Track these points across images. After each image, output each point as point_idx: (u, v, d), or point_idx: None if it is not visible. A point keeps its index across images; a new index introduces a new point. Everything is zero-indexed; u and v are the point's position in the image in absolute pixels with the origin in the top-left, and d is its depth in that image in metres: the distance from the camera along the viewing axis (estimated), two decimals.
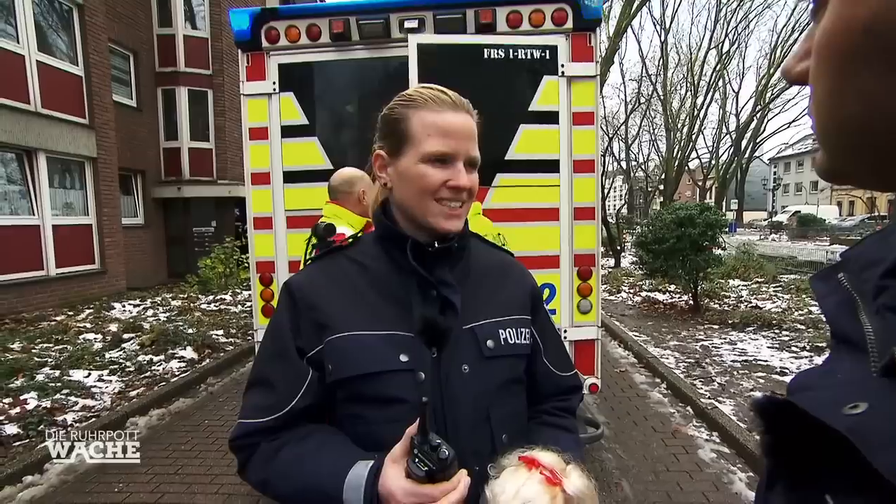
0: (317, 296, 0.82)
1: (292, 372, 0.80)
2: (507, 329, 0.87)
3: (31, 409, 3.95)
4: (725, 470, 3.16)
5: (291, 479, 0.76)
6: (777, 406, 0.33)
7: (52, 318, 7.21)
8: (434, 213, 0.80)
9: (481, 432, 0.82)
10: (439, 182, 0.79)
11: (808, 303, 7.80)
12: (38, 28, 7.94)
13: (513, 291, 0.93)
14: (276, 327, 0.84)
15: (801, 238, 24.16)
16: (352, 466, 0.72)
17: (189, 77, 12.17)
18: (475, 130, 0.84)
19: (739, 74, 37.66)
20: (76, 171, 8.87)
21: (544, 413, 0.95)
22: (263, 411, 0.80)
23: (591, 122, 2.72)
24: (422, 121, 0.80)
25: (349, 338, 0.79)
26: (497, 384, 0.84)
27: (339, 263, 0.87)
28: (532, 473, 0.66)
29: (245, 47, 2.78)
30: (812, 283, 0.40)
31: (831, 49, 0.30)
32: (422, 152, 0.79)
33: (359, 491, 0.70)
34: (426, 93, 0.82)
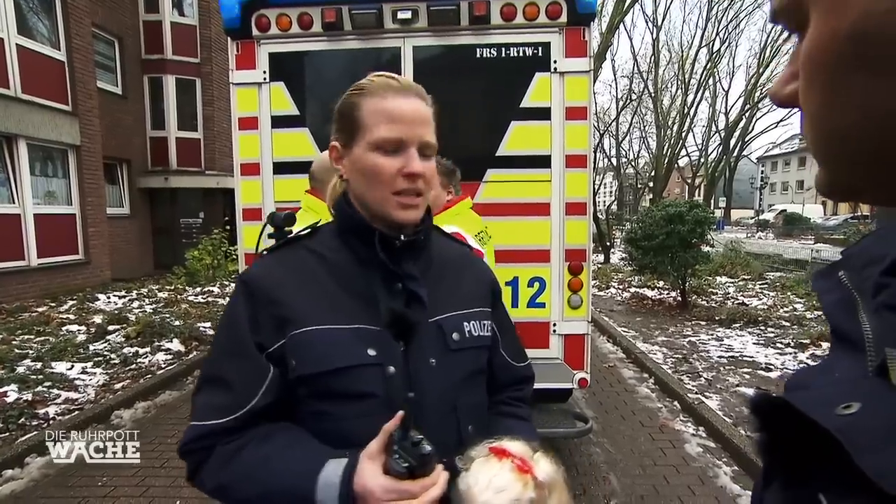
0: (276, 289, 0.79)
1: (251, 369, 0.76)
2: (471, 321, 0.87)
3: (11, 401, 3.87)
4: (711, 464, 3.21)
5: (256, 481, 0.72)
6: (772, 404, 0.32)
7: (33, 309, 7.07)
8: (391, 205, 0.78)
9: (448, 424, 0.81)
10: (393, 171, 0.76)
11: (792, 300, 7.95)
12: (18, 9, 7.70)
13: (474, 284, 0.93)
14: (232, 322, 0.79)
15: (786, 236, 24.59)
16: (324, 465, 0.70)
17: (176, 65, 11.93)
18: (428, 116, 0.81)
19: (729, 73, 38.07)
20: (59, 159, 8.66)
21: (501, 403, 0.96)
22: (220, 412, 0.74)
23: (584, 117, 2.71)
24: (371, 108, 0.78)
25: (314, 332, 0.76)
26: (462, 376, 0.84)
27: (297, 255, 0.83)
28: (503, 463, 0.67)
29: (235, 35, 2.72)
30: (813, 280, 0.40)
31: (817, 63, 0.30)
32: (371, 140, 0.77)
33: (333, 489, 0.67)
34: (376, 80, 0.80)
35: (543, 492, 0.67)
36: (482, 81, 2.75)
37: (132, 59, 11.42)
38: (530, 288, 2.78)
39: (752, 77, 28.46)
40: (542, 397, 2.97)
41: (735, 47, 51.56)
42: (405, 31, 2.68)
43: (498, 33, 2.68)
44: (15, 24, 7.58)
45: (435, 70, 2.74)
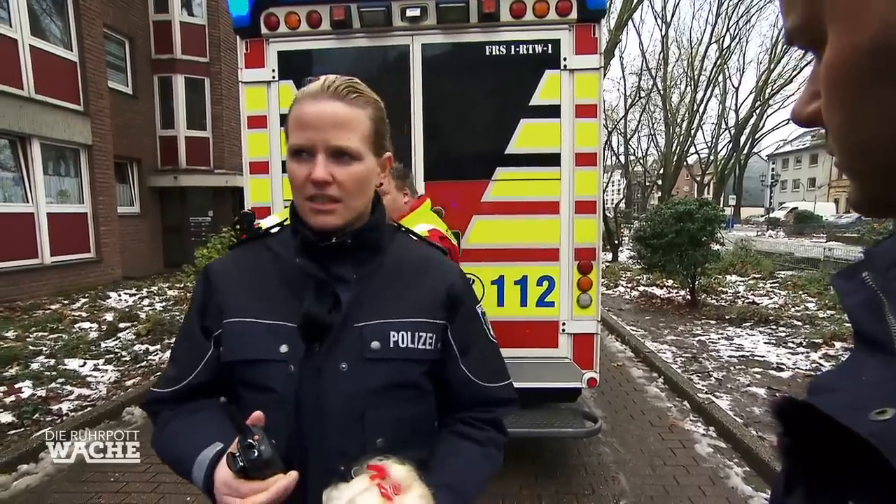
0: (224, 280, 0.86)
1: (193, 348, 0.85)
2: (402, 332, 0.82)
3: (25, 397, 3.93)
4: (722, 465, 3.18)
5: (169, 450, 0.83)
6: (797, 408, 0.32)
7: (46, 307, 7.17)
8: (305, 210, 0.80)
9: (352, 433, 0.79)
10: (302, 177, 0.77)
11: (804, 299, 7.85)
12: (31, 11, 7.80)
13: (424, 292, 0.86)
14: (190, 307, 0.89)
15: (798, 235, 24.26)
16: (207, 447, 0.76)
17: (186, 65, 12.02)
18: (345, 118, 0.76)
19: (740, 70, 37.59)
20: (71, 159, 8.77)
21: (459, 422, 0.90)
22: (167, 383, 0.86)
23: (593, 115, 2.69)
24: (291, 116, 0.79)
25: (240, 323, 0.82)
26: (376, 386, 0.80)
27: (255, 251, 0.89)
28: (372, 485, 0.67)
29: (244, 34, 2.73)
30: (834, 280, 0.39)
31: (838, 79, 0.30)
32: (287, 148, 0.79)
33: (201, 471, 0.75)
34: (305, 86, 0.79)
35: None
36: (491, 79, 2.74)
37: (142, 59, 11.52)
38: (539, 287, 2.77)
39: (762, 73, 28.13)
40: (551, 397, 2.96)
41: (745, 43, 51.04)
42: (414, 28, 2.67)
43: (507, 30, 2.66)
44: (28, 26, 7.68)
45: (444, 68, 2.74)
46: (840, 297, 0.37)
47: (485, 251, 2.77)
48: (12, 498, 2.86)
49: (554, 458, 3.24)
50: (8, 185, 7.69)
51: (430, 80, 2.72)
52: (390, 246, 0.89)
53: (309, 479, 0.74)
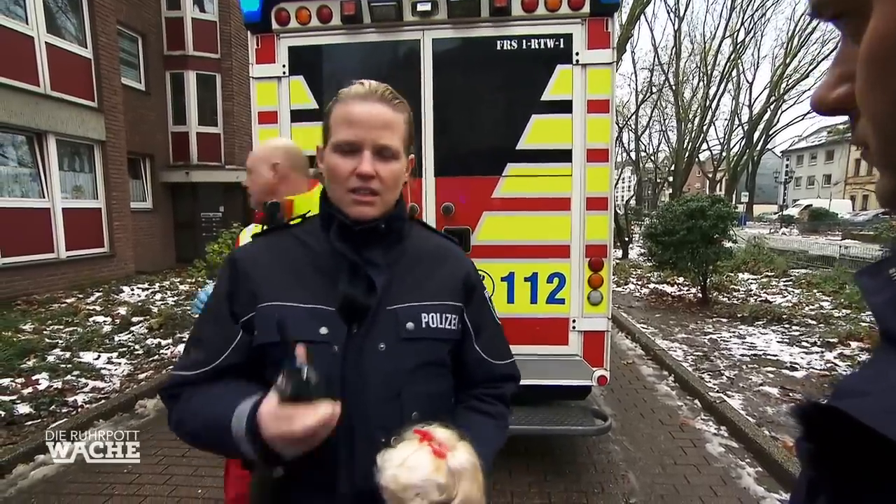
0: (255, 267, 0.88)
1: (222, 332, 0.86)
2: (431, 314, 0.90)
3: (42, 389, 4.01)
4: (734, 464, 3.14)
5: (199, 415, 0.82)
6: (823, 412, 0.30)
7: (62, 301, 7.29)
8: (346, 201, 0.86)
9: (391, 409, 0.85)
10: (347, 171, 0.84)
11: (819, 298, 7.72)
12: (47, 9, 7.90)
13: (444, 277, 0.95)
14: (215, 293, 0.90)
15: (812, 232, 23.87)
16: (247, 399, 0.77)
17: (197, 61, 12.11)
18: (390, 119, 0.85)
19: (754, 64, 36.97)
20: (85, 155, 8.89)
21: (473, 398, 0.99)
22: (193, 366, 0.85)
23: (606, 111, 2.66)
24: (336, 113, 0.86)
25: (277, 307, 0.83)
26: (412, 365, 0.87)
27: (282, 239, 0.93)
28: (422, 445, 0.73)
29: (254, 29, 2.74)
30: (858, 278, 0.37)
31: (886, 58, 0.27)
32: (332, 142, 0.85)
33: (242, 419, 0.75)
34: (349, 87, 0.86)
35: (453, 479, 0.71)
36: (502, 74, 2.71)
37: (155, 56, 11.63)
38: (550, 284, 2.75)
39: (778, 68, 27.61)
40: (561, 394, 2.95)
41: (760, 37, 50.07)
42: (425, 23, 2.66)
43: (519, 25, 2.63)
44: (44, 23, 7.78)
45: (454, 63, 2.72)
46: (864, 294, 0.35)
47: (495, 247, 2.75)
48: (30, 487, 2.93)
49: (563, 456, 3.23)
50: (25, 181, 7.82)
51: (440, 76, 2.70)
52: (409, 235, 0.96)
53: (357, 452, 0.82)
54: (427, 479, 0.70)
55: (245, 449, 0.75)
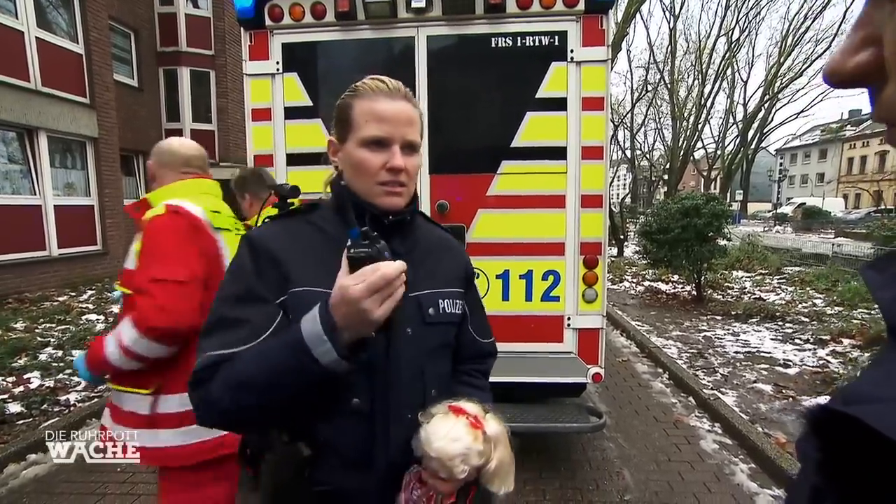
0: (280, 250, 0.87)
1: (263, 310, 0.83)
2: (446, 300, 0.98)
3: (34, 388, 3.97)
4: (727, 461, 3.16)
5: (251, 358, 0.78)
6: (836, 419, 0.29)
7: (54, 299, 7.23)
8: (376, 193, 0.89)
9: (416, 387, 0.93)
10: (378, 165, 0.87)
11: (812, 295, 7.78)
12: (37, 3, 7.80)
13: (452, 267, 1.04)
14: (239, 273, 0.87)
15: (805, 230, 24.05)
16: (302, 317, 0.77)
17: (191, 57, 12.02)
18: (414, 117, 0.90)
19: (748, 63, 37.09)
20: (77, 151, 8.80)
21: (464, 374, 1.08)
22: (234, 344, 0.80)
23: (600, 108, 2.66)
24: (361, 109, 0.87)
25: (311, 292, 0.83)
26: (433, 346, 0.96)
27: (299, 225, 0.93)
28: (459, 418, 0.84)
29: (248, 25, 2.71)
30: (864, 272, 0.36)
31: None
32: (360, 137, 0.87)
33: (314, 316, 0.75)
34: (368, 83, 0.89)
35: (490, 445, 0.83)
36: (497, 71, 2.71)
37: (148, 52, 11.52)
38: (544, 281, 2.75)
39: (772, 67, 27.70)
40: (556, 391, 2.95)
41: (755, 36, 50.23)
42: (419, 20, 2.64)
43: (513, 22, 2.63)
44: (35, 18, 7.68)
45: (449, 60, 2.71)
46: (871, 289, 0.34)
47: (490, 245, 2.75)
48: (21, 487, 2.90)
49: (558, 453, 3.24)
50: (16, 178, 7.73)
51: (435, 73, 2.69)
52: (419, 226, 1.02)
53: (391, 429, 0.88)
54: (470, 447, 0.81)
55: (322, 351, 0.73)
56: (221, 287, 0.88)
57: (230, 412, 0.79)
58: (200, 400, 0.81)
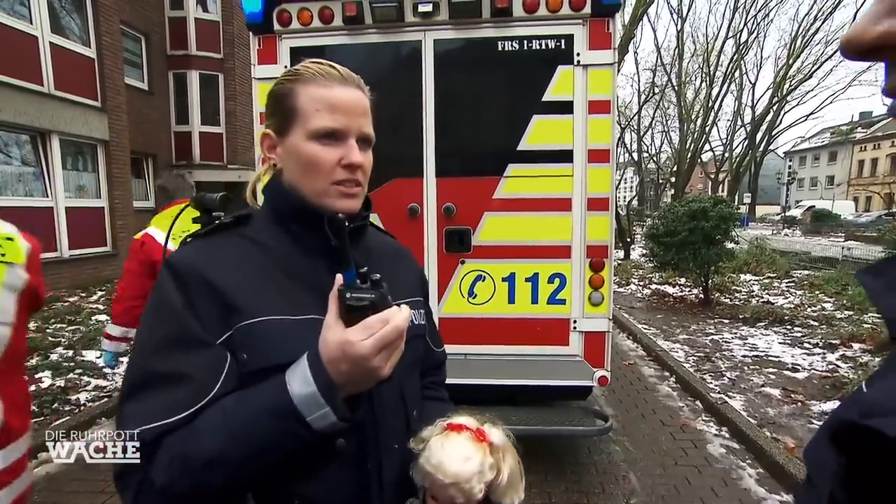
0: (215, 275, 0.70)
1: (207, 355, 0.67)
2: (413, 310, 0.86)
3: (45, 387, 4.03)
4: (735, 466, 3.14)
5: (219, 429, 0.62)
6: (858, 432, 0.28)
7: (65, 299, 7.32)
8: (329, 194, 0.75)
9: (399, 410, 0.83)
10: (333, 162, 0.74)
11: (821, 299, 7.70)
12: (51, 8, 7.93)
13: (408, 274, 0.95)
14: (166, 312, 0.68)
15: (815, 233, 23.80)
16: (285, 375, 0.65)
17: (200, 61, 12.16)
18: (367, 107, 0.79)
19: (757, 65, 36.84)
20: (89, 154, 8.92)
21: (425, 388, 0.98)
22: (177, 408, 0.63)
23: (607, 111, 2.66)
24: (309, 96, 0.74)
25: (266, 323, 0.69)
26: (408, 363, 0.81)
27: (234, 242, 0.77)
28: (462, 435, 0.77)
29: (256, 30, 2.75)
30: (861, 277, 0.36)
31: None
32: (310, 129, 0.74)
33: (305, 375, 0.62)
34: (313, 67, 0.77)
35: (499, 454, 0.78)
36: (503, 75, 2.72)
37: (158, 56, 11.67)
38: (550, 284, 2.75)
39: (781, 68, 27.50)
40: (562, 395, 2.95)
41: (764, 38, 49.83)
42: (426, 24, 2.66)
43: (520, 26, 2.64)
44: (48, 23, 7.81)
45: (456, 64, 2.72)
46: (869, 295, 0.34)
47: (496, 248, 2.76)
48: (33, 485, 2.94)
49: (564, 457, 3.23)
50: (29, 180, 7.85)
51: (441, 76, 2.71)
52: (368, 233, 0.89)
53: (383, 464, 0.77)
54: (483, 462, 0.75)
55: (318, 416, 0.61)
56: (144, 331, 0.70)
57: (187, 497, 0.62)
58: (140, 491, 0.63)
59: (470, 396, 2.27)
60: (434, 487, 0.75)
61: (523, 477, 0.82)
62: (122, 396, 0.67)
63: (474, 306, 2.80)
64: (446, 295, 2.81)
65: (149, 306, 0.71)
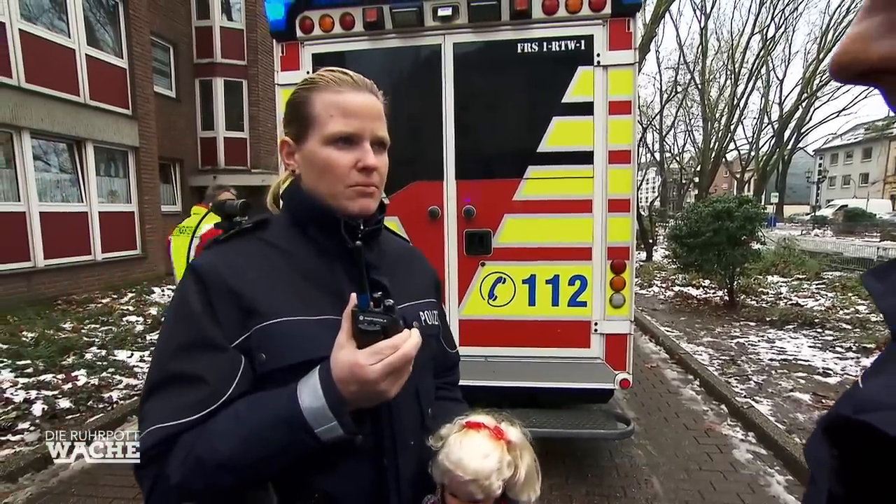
0: (236, 279, 0.73)
1: (222, 359, 0.70)
2: (426, 311, 0.91)
3: (81, 385, 4.20)
4: (762, 472, 3.06)
5: (232, 433, 0.65)
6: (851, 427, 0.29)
7: (98, 301, 7.60)
8: (346, 196, 0.78)
9: (414, 409, 0.84)
10: (348, 165, 0.77)
11: (854, 301, 7.43)
12: (87, 22, 8.29)
13: (422, 276, 0.97)
14: (186, 315, 0.71)
15: (847, 233, 22.94)
16: (297, 386, 0.67)
17: (225, 68, 12.49)
18: (381, 110, 0.81)
19: (785, 61, 35.74)
20: (120, 161, 9.26)
21: (439, 388, 1.00)
22: (190, 409, 0.66)
23: (627, 112, 2.64)
24: (323, 102, 0.78)
25: (284, 324, 0.72)
26: (421, 363, 0.81)
27: (254, 246, 0.79)
28: (480, 433, 0.79)
29: (280, 37, 2.82)
30: (865, 280, 0.35)
31: None
32: (325, 134, 0.77)
33: (315, 390, 0.65)
34: (327, 75, 0.80)
35: (516, 452, 0.80)
36: (523, 77, 2.73)
37: (185, 64, 12.05)
38: (571, 286, 2.74)
39: (810, 64, 26.66)
40: (583, 397, 2.93)
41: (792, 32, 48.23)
42: (445, 27, 2.69)
43: (539, 27, 2.64)
44: (85, 36, 8.17)
45: (475, 66, 2.74)
46: (873, 297, 0.34)
47: (516, 250, 2.76)
48: (70, 478, 3.07)
49: (585, 460, 3.20)
50: (66, 186, 8.20)
51: (461, 79, 2.73)
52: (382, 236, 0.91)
53: (400, 464, 0.79)
54: (501, 460, 0.77)
55: (326, 429, 0.64)
56: (164, 333, 0.73)
57: (200, 494, 0.65)
58: (156, 484, 0.66)
59: (491, 398, 2.29)
60: (453, 484, 0.77)
61: (540, 474, 0.83)
62: (144, 395, 0.71)
63: (495, 308, 2.81)
64: (467, 297, 2.83)
65: (171, 308, 0.75)
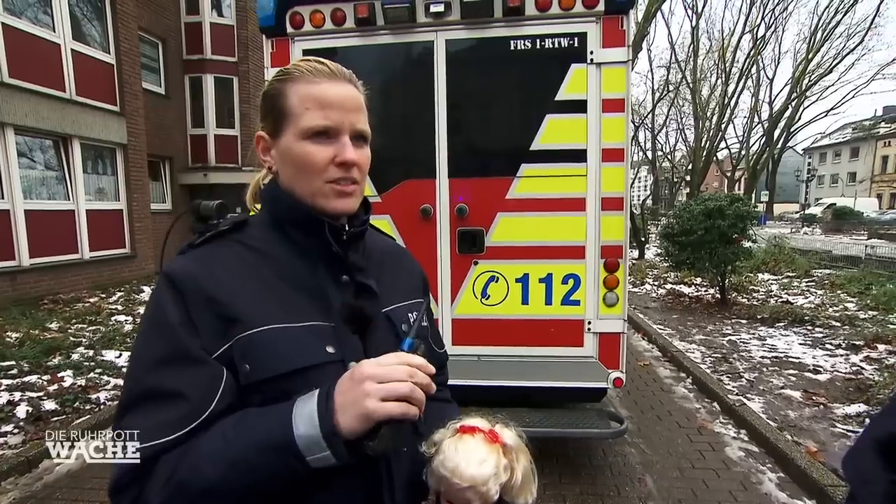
0: (214, 286, 0.69)
1: (202, 373, 0.65)
2: (414, 312, 0.85)
3: (67, 386, 4.12)
4: (754, 469, 3.08)
5: (218, 456, 0.60)
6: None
7: (86, 300, 7.49)
8: (324, 194, 0.74)
9: None
10: (325, 160, 0.72)
11: (843, 299, 7.52)
12: (73, 17, 8.13)
13: (409, 276, 0.93)
14: (161, 326, 0.66)
15: (836, 231, 23.26)
16: (293, 409, 0.63)
17: (215, 64, 12.34)
18: (361, 102, 0.77)
19: (774, 60, 36.08)
20: (108, 158, 9.12)
21: None
22: (171, 427, 0.62)
23: (621, 110, 2.63)
24: (298, 94, 0.73)
25: (268, 332, 0.68)
26: None
27: (231, 250, 0.75)
28: (475, 437, 0.76)
29: (270, 33, 2.77)
30: None
31: None
32: (301, 128, 0.73)
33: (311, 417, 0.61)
34: (302, 65, 0.76)
35: (512, 455, 0.77)
36: (516, 74, 2.70)
37: (174, 60, 11.88)
38: (564, 285, 2.73)
39: (799, 63, 26.93)
40: (576, 396, 2.92)
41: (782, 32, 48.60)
42: (438, 24, 2.66)
43: (532, 24, 2.62)
44: (70, 30, 8.01)
45: (468, 64, 2.72)
46: None
47: (509, 248, 2.74)
48: (55, 482, 3.01)
49: (578, 459, 3.20)
50: (52, 184, 8.05)
51: (454, 76, 2.70)
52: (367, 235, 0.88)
53: (393, 470, 0.76)
54: (498, 464, 0.75)
55: (318, 458, 0.60)
56: (139, 345, 0.68)
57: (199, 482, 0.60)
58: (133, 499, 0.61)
59: (483, 398, 2.27)
60: (450, 491, 0.75)
61: (536, 477, 0.81)
62: (119, 411, 0.65)
63: (488, 307, 2.79)
64: (459, 296, 2.80)
65: (145, 318, 0.69)
